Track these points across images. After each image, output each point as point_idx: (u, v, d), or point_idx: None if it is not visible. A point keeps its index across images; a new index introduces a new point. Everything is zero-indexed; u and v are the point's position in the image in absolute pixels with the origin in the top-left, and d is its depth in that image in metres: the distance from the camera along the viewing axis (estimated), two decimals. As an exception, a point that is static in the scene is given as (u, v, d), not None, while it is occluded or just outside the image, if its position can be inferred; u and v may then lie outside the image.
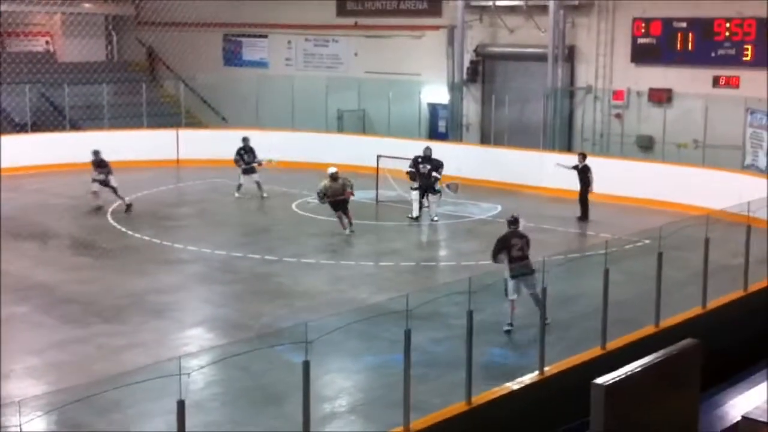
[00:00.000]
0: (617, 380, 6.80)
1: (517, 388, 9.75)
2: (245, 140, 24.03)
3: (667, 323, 11.42)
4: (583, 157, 21.19)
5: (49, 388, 11.23)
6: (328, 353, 11.73)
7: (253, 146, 23.85)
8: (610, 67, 26.20)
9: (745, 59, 23.71)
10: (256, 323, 13.92)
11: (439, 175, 20.97)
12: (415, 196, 21.08)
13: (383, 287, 15.73)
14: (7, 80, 30.35)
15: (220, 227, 21.13)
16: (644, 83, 25.46)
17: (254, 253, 17.89)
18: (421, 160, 21.17)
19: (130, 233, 19.84)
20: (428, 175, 20.96)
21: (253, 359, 11.24)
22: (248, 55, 34.16)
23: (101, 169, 22.04)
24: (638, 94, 25.60)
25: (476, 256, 17.72)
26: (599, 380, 6.81)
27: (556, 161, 22.42)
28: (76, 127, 29.91)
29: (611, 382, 6.77)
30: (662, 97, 25.14)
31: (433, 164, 21.03)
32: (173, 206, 23.16)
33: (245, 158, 23.67)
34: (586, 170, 20.82)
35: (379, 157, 22.75)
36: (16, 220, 21.00)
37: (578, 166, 20.92)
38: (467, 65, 28.44)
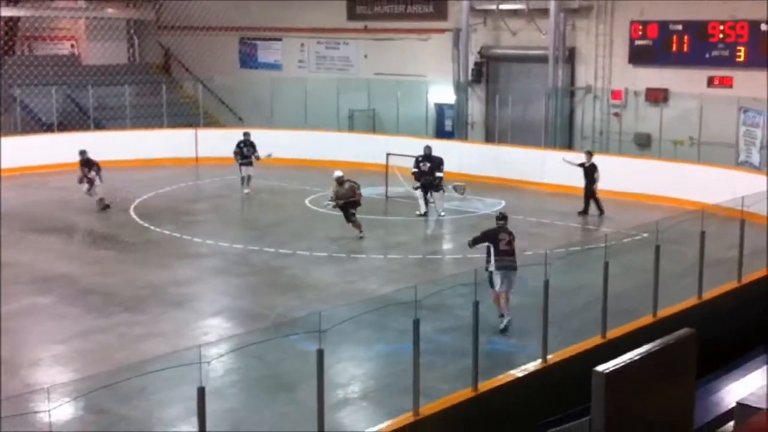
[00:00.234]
0: (617, 368, 6.78)
1: (521, 375, 9.74)
2: (246, 134, 24.01)
3: (664, 313, 11.39)
4: (589, 155, 21.05)
5: (75, 375, 11.26)
6: (340, 342, 11.73)
7: (253, 141, 23.73)
8: (608, 67, 26.10)
9: (738, 60, 23.60)
10: (271, 313, 13.92)
11: (441, 173, 20.97)
12: (419, 194, 21.10)
13: (392, 279, 15.72)
14: (34, 82, 30.37)
15: (236, 222, 21.15)
16: (641, 83, 25.38)
17: (269, 246, 17.90)
18: (421, 158, 21.21)
19: (151, 228, 19.85)
20: (429, 172, 20.97)
21: (268, 348, 11.24)
22: (263, 57, 34.13)
23: (88, 168, 21.48)
24: (636, 93, 25.51)
25: (481, 249, 17.67)
26: (600, 368, 6.79)
27: (562, 157, 22.31)
28: (99, 126, 29.90)
29: (611, 369, 6.75)
30: (659, 96, 25.06)
31: (433, 162, 21.05)
32: (192, 202, 23.18)
33: (244, 151, 23.58)
34: (593, 169, 20.66)
35: (388, 155, 22.72)
36: (41, 215, 21.04)
37: (585, 164, 20.80)
38: (472, 66, 28.35)
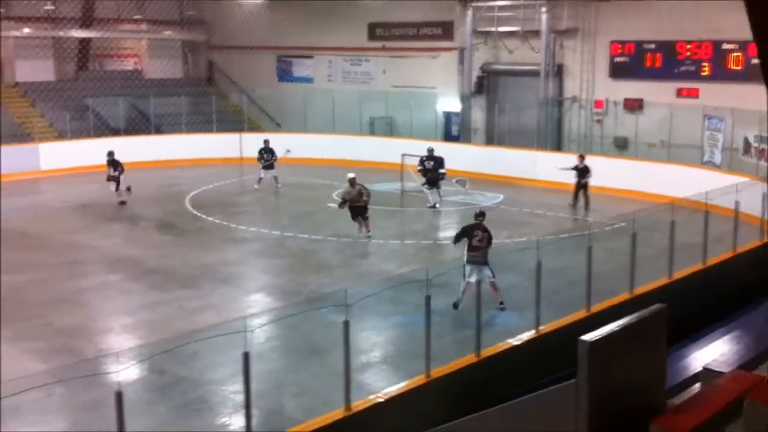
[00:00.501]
0: (599, 338, 6.72)
1: (517, 343, 9.71)
2: (266, 142, 23.93)
3: (639, 291, 11.34)
4: (582, 158, 20.77)
5: (140, 341, 11.34)
6: (363, 314, 11.75)
7: (272, 147, 23.64)
8: (592, 81, 25.95)
9: (703, 74, 23.43)
10: (304, 290, 13.96)
11: (443, 170, 20.97)
12: (426, 189, 21.10)
13: (407, 261, 15.72)
14: (104, 93, 30.47)
15: (274, 212, 21.19)
16: (620, 94, 25.22)
17: (302, 233, 17.93)
18: (425, 158, 21.20)
19: (203, 217, 19.91)
20: (433, 169, 20.97)
21: (302, 319, 11.27)
22: (297, 72, 34.10)
23: (114, 168, 21.28)
24: (615, 103, 25.36)
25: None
26: (584, 337, 6.74)
27: (556, 166, 21.82)
28: (159, 131, 29.97)
29: (594, 339, 6.70)
30: (635, 105, 24.90)
31: (436, 161, 21.07)
32: (237, 195, 23.23)
33: (265, 156, 23.55)
34: (586, 170, 20.39)
35: (403, 155, 22.67)
36: (110, 207, 21.15)
37: (578, 166, 20.54)
38: (474, 80, 28.25)
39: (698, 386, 6.86)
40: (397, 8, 29.63)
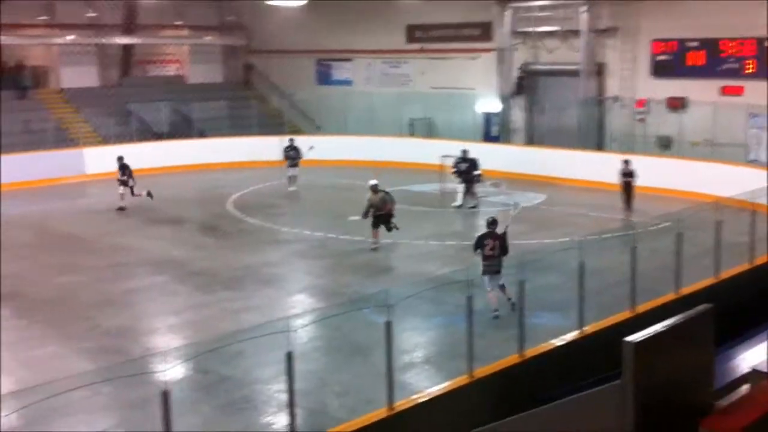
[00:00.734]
0: (645, 338, 6.66)
1: (560, 344, 9.66)
2: (291, 140, 24.06)
3: (685, 291, 11.19)
4: (626, 163, 19.93)
5: (186, 340, 11.48)
6: (405, 315, 11.76)
7: (297, 146, 23.75)
8: (633, 79, 25.66)
9: (747, 72, 23.05)
10: (346, 291, 14.01)
11: (478, 171, 20.87)
12: (461, 188, 21.03)
13: (448, 262, 15.68)
14: (147, 98, 30.88)
15: (315, 214, 21.28)
16: (662, 93, 24.88)
17: (343, 234, 17.92)
18: (460, 160, 21.13)
19: (245, 219, 20.09)
20: (467, 171, 20.89)
21: (345, 320, 11.32)
22: (336, 75, 34.25)
23: (122, 172, 21.24)
24: (657, 102, 25.03)
25: (523, 236, 17.54)
26: (630, 338, 6.69)
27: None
28: (201, 134, 30.30)
29: (640, 339, 6.64)
30: (678, 104, 24.55)
31: (470, 163, 20.99)
32: (278, 197, 23.36)
33: (290, 154, 23.64)
34: (632, 174, 19.75)
35: (442, 156, 22.65)
36: (155, 210, 21.43)
37: (623, 171, 19.77)
38: (514, 80, 28.14)
39: (746, 387, 6.75)
40: (435, 10, 29.59)
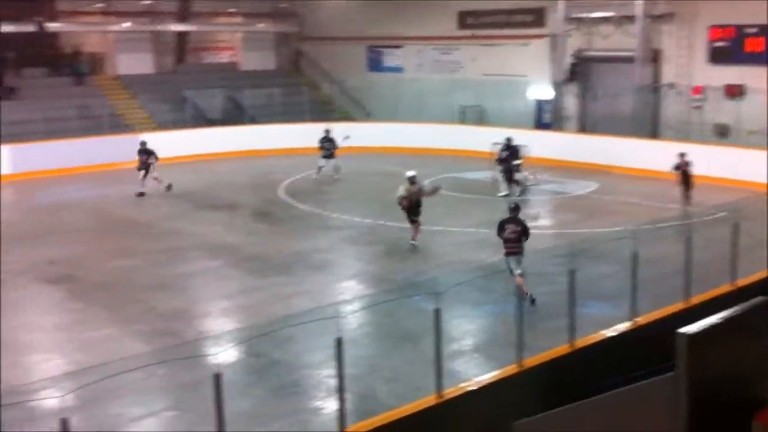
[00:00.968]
0: (699, 330, 6.55)
1: (612, 334, 9.55)
2: (326, 131, 23.97)
3: (742, 282, 10.96)
4: (682, 155, 19.60)
5: (239, 324, 11.64)
6: (455, 303, 11.76)
7: (333, 136, 23.70)
8: (689, 66, 25.10)
9: (808, 58, 22.39)
10: (396, 277, 14.04)
11: (518, 161, 20.67)
12: (500, 177, 20.91)
13: (498, 250, 15.39)
14: (201, 85, 31.28)
15: (365, 201, 21.34)
16: (719, 80, 24.29)
17: (393, 221, 17.86)
18: (504, 147, 20.97)
19: (296, 205, 20.25)
20: (506, 159, 20.77)
21: (394, 306, 11.37)
22: (387, 62, 34.18)
23: (146, 156, 21.44)
24: (714, 89, 24.45)
25: (575, 225, 17.39)
26: (683, 330, 6.58)
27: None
28: (254, 121, 30.58)
29: (694, 331, 6.53)
30: (735, 91, 23.94)
31: (510, 151, 20.80)
32: (329, 184, 23.43)
33: (325, 146, 23.64)
34: (688, 165, 19.31)
35: (493, 143, 22.50)
36: (209, 195, 21.75)
37: (680, 165, 19.44)
38: (567, 67, 27.78)
39: (804, 382, 6.59)
40: (487, -4, 29.37)
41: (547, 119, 28.76)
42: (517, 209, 12.77)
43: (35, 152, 24.83)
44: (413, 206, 15.90)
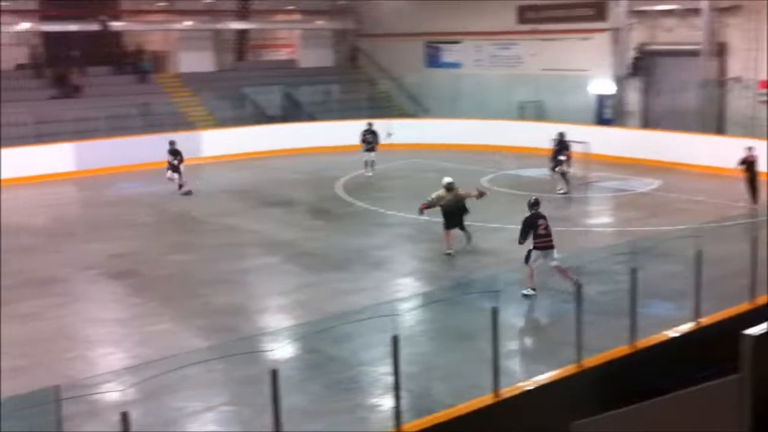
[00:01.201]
0: (765, 332, 6.39)
1: (675, 335, 9.36)
2: (369, 125, 24.02)
3: (811, 284, 10.61)
4: (750, 149, 18.69)
5: (296, 320, 11.73)
6: (512, 301, 11.67)
7: (375, 130, 23.72)
8: (756, 60, 24.40)
9: None
10: (453, 275, 13.98)
11: (562, 156, 20.37)
12: (548, 173, 20.77)
13: (557, 247, 15.34)
14: (260, 82, 31.58)
15: (422, 198, 21.16)
16: (789, 73, 23.62)
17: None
18: (556, 143, 20.70)
19: (353, 202, 20.32)
20: (555, 154, 20.53)
21: (451, 304, 11.31)
22: (445, 58, 34.03)
23: (173, 156, 21.48)
24: (784, 83, 23.78)
25: (637, 222, 17.07)
26: (749, 331, 6.42)
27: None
28: (313, 118, 30.81)
29: (760, 333, 6.37)
30: (804, 85, 23.22)
31: (560, 146, 20.50)
32: (385, 180, 23.45)
33: (367, 138, 23.64)
34: (755, 160, 18.81)
35: (552, 140, 22.21)
36: (266, 192, 21.97)
37: (746, 158, 18.57)
38: (629, 61, 27.30)
39: None
40: (547, -10, 29.03)
41: (608, 115, 28.33)
42: (537, 204, 12.72)
43: (99, 149, 25.42)
44: (455, 212, 15.12)
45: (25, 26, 28.89)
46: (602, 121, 28.15)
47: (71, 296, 13.38)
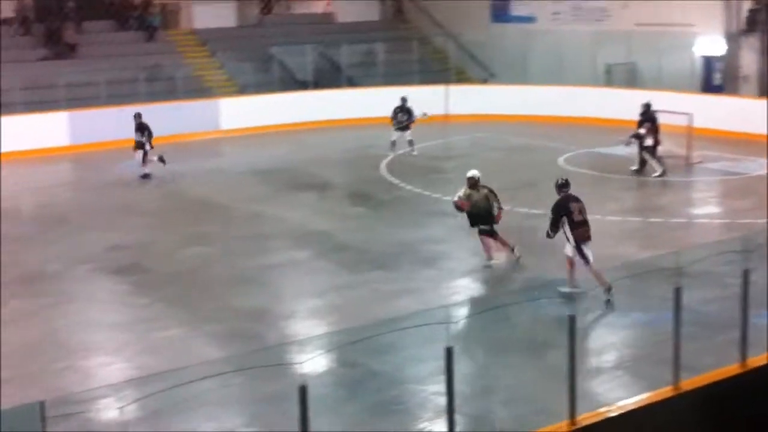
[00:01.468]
0: None
1: (795, 352, 9.20)
2: (403, 100, 24.12)
3: None
4: None
5: (330, 328, 11.78)
6: (593, 308, 11.56)
7: (410, 106, 23.87)
8: None
9: None
10: (521, 275, 13.91)
11: (641, 129, 20.28)
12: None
13: (650, 244, 15.21)
14: (290, 41, 31.59)
15: (486, 181, 21.15)
16: None
17: (520, 206, 17.64)
18: (641, 114, 20.58)
19: (401, 185, 20.32)
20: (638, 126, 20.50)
21: (517, 310, 11.24)
22: (516, 10, 33.75)
23: (140, 132, 21.56)
24: None
25: (753, 213, 16.79)
26: None
27: None
28: (353, 84, 30.85)
29: None
30: None
31: (643, 118, 20.43)
32: (440, 160, 23.43)
33: (398, 116, 23.79)
34: None
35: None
36: (297, 172, 22.09)
37: None
38: (745, 15, 26.83)
39: None
40: (644, -74, 28.63)
41: (717, 81, 27.94)
42: (566, 185, 12.66)
43: (98, 120, 25.76)
44: (482, 214, 14.51)
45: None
46: (710, 88, 27.82)
47: (63, 295, 13.62)
